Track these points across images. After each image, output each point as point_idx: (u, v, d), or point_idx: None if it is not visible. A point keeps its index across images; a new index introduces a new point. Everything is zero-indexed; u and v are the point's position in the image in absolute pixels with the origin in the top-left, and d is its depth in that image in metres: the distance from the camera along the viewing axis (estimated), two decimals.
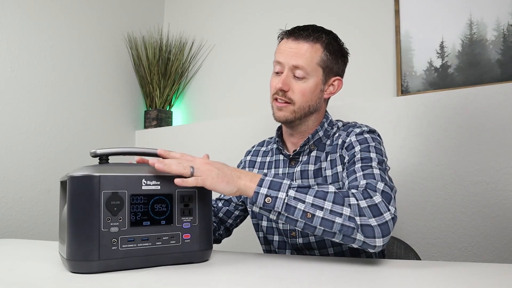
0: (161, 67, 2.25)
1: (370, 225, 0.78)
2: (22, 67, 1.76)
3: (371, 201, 0.80)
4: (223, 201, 1.23)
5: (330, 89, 1.08)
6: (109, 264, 0.74)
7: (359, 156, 0.96)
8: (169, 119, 2.31)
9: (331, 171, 1.04)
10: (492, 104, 1.39)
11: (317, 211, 0.78)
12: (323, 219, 0.78)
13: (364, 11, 1.82)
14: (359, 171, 0.91)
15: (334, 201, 0.79)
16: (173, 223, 0.81)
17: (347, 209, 0.79)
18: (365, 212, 0.79)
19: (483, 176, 1.39)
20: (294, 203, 0.79)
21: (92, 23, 2.07)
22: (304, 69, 1.01)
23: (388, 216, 0.79)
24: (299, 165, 1.09)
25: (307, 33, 1.03)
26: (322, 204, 0.79)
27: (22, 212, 1.72)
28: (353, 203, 0.80)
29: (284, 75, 1.03)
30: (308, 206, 0.79)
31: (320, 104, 1.08)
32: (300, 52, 1.02)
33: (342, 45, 1.09)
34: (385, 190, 0.84)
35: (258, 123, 1.88)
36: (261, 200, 0.80)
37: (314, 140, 1.08)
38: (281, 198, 0.80)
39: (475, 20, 1.56)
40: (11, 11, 1.73)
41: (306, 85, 1.03)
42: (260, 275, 0.76)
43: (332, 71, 1.06)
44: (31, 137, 1.77)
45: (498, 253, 1.35)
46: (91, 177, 0.74)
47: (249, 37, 2.16)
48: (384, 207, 0.80)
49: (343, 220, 0.78)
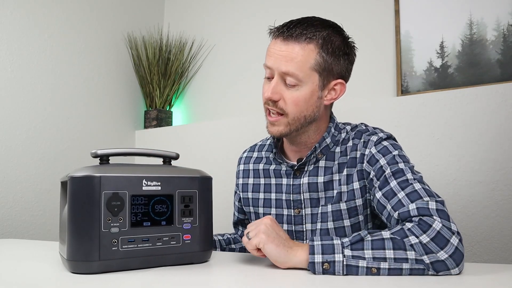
0: (161, 67, 2.24)
1: (440, 260, 0.72)
2: (22, 67, 1.76)
3: (432, 230, 0.73)
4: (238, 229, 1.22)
5: (331, 95, 0.95)
6: (109, 265, 0.74)
7: (389, 171, 0.88)
8: (169, 119, 2.31)
9: (347, 187, 0.95)
10: (492, 104, 1.40)
11: (381, 264, 0.73)
12: (389, 269, 0.73)
13: (364, 11, 1.82)
14: (399, 190, 0.84)
15: (394, 247, 0.73)
16: (174, 224, 0.81)
17: (411, 252, 0.72)
18: (430, 247, 0.72)
19: (483, 176, 1.39)
20: (354, 262, 0.73)
21: (92, 23, 2.07)
22: (295, 76, 0.89)
23: (455, 240, 0.73)
24: (305, 176, 0.99)
25: (298, 32, 0.89)
26: (384, 254, 0.73)
27: (22, 212, 1.72)
28: (415, 242, 0.73)
29: (274, 82, 0.91)
30: (370, 262, 0.73)
31: (320, 112, 0.96)
32: (290, 56, 0.88)
33: (346, 41, 0.94)
34: (439, 208, 0.78)
35: (258, 123, 1.88)
36: (319, 269, 0.74)
37: (321, 148, 0.98)
38: (339, 261, 0.73)
39: (475, 20, 1.56)
40: (11, 11, 1.73)
41: (299, 93, 0.90)
42: (260, 275, 0.76)
43: (331, 74, 0.92)
44: (31, 137, 1.77)
45: (498, 253, 1.35)
46: (92, 177, 0.74)
47: (249, 37, 2.16)
48: (448, 232, 0.74)
49: (411, 265, 0.72)
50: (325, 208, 0.97)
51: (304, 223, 1.00)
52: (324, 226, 0.97)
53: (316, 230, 0.98)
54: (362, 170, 0.94)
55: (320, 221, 0.98)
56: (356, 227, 0.96)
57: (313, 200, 0.99)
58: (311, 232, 0.99)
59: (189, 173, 0.85)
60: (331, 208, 0.96)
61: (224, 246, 1.15)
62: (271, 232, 0.78)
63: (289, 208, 1.02)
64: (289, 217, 1.02)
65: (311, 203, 0.99)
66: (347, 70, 0.97)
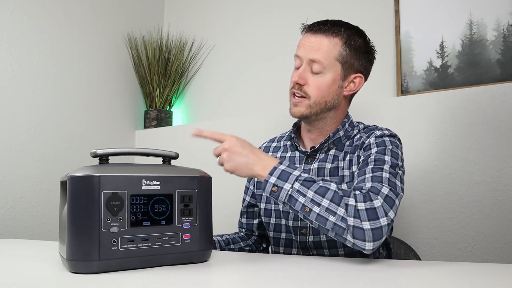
0: (161, 67, 2.25)
1: (362, 228, 0.79)
2: (22, 67, 1.76)
3: (371, 204, 0.81)
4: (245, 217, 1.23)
5: (351, 86, 1.06)
6: (109, 264, 0.74)
7: (373, 157, 0.96)
8: (169, 119, 2.31)
9: (348, 170, 1.04)
10: (492, 104, 1.39)
11: (314, 207, 0.81)
12: (318, 215, 0.81)
13: (364, 11, 1.82)
14: (369, 172, 0.91)
15: (331, 199, 0.81)
16: (173, 223, 0.81)
17: (342, 210, 0.80)
18: (360, 214, 0.80)
19: (483, 176, 1.39)
20: (296, 195, 0.82)
21: (92, 23, 2.07)
22: (321, 63, 1.00)
23: (384, 222, 0.80)
24: (316, 162, 1.08)
25: (326, 27, 1.02)
26: (320, 200, 0.81)
27: (22, 212, 1.72)
28: (351, 203, 0.81)
29: (302, 69, 1.02)
30: (307, 201, 0.82)
31: (339, 101, 1.06)
32: (318, 46, 1.01)
33: (367, 43, 1.07)
34: (389, 195, 0.85)
35: (258, 123, 1.88)
36: (269, 189, 0.84)
37: (334, 139, 1.07)
38: (285, 189, 0.83)
39: (475, 20, 1.56)
40: (11, 11, 1.73)
41: (323, 79, 1.02)
42: (260, 275, 0.76)
43: (352, 67, 1.04)
44: (31, 137, 1.77)
45: (498, 253, 1.35)
46: (91, 177, 0.74)
47: (249, 37, 2.16)
48: (382, 212, 0.81)
49: (335, 220, 0.80)
50: None
51: None
52: None
53: None
54: (359, 156, 1.03)
55: None
56: None
57: None
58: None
59: (189, 172, 0.85)
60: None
61: (223, 246, 1.16)
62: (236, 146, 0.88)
63: None
64: None
65: None
66: (366, 68, 1.08)
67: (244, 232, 1.25)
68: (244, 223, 1.24)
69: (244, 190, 1.26)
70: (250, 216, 1.23)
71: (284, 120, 1.76)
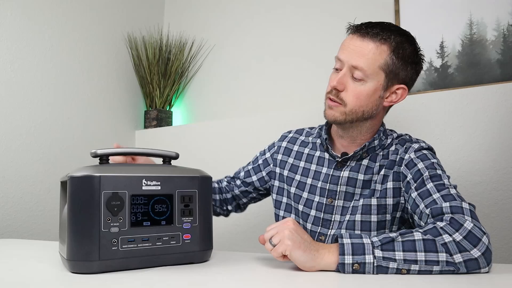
0: (161, 67, 2.25)
1: (472, 258, 0.73)
2: (22, 67, 1.76)
3: (464, 229, 0.75)
4: (242, 181, 1.22)
5: (392, 97, 0.99)
6: (109, 265, 0.74)
7: (427, 174, 0.91)
8: (169, 119, 2.31)
9: (381, 185, 0.98)
10: (492, 104, 1.40)
11: (411, 266, 0.73)
12: (420, 271, 0.74)
13: (364, 11, 1.82)
14: (434, 192, 0.86)
15: (426, 249, 0.73)
16: (173, 224, 0.81)
17: (443, 254, 0.73)
18: (464, 245, 0.73)
19: (483, 176, 1.39)
20: (385, 263, 0.74)
21: (92, 23, 2.07)
22: (364, 71, 0.93)
23: (486, 240, 0.74)
24: (347, 170, 1.02)
25: (375, 31, 0.95)
26: (415, 256, 0.73)
27: (22, 212, 1.72)
28: (448, 240, 0.74)
29: (342, 73, 0.96)
30: (401, 264, 0.73)
31: (378, 111, 1.00)
32: (363, 52, 0.94)
33: (417, 51, 0.99)
34: (470, 209, 0.80)
35: (258, 123, 1.88)
36: (349, 269, 0.74)
37: (369, 147, 1.01)
38: (370, 263, 0.74)
39: (475, 20, 1.56)
40: (11, 11, 1.73)
41: (363, 88, 0.95)
42: (260, 275, 0.76)
43: (397, 78, 0.97)
44: (31, 137, 1.77)
45: (498, 253, 1.35)
46: (92, 177, 0.74)
47: (249, 37, 2.16)
48: (479, 231, 0.75)
49: (441, 267, 0.73)
50: (357, 202, 1.00)
51: (334, 213, 1.02)
52: (352, 218, 0.99)
53: (344, 222, 1.00)
54: (399, 173, 0.98)
55: (350, 213, 1.00)
56: (382, 225, 0.98)
57: (348, 194, 1.02)
58: (338, 223, 1.01)
59: (189, 172, 0.85)
60: (363, 202, 0.99)
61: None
62: (296, 237, 0.77)
63: (322, 196, 1.04)
64: (320, 204, 1.04)
65: (346, 196, 1.02)
66: (412, 79, 1.01)
67: (224, 185, 1.24)
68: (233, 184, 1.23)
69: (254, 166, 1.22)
70: (239, 186, 1.22)
71: (285, 121, 1.76)
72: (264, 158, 1.21)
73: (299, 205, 1.08)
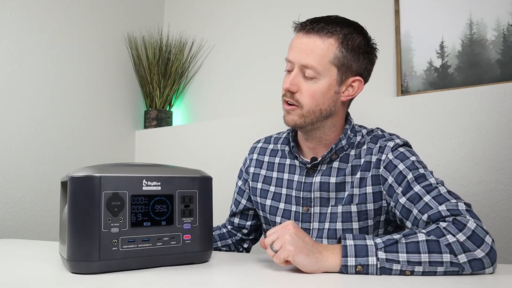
0: (161, 67, 2.24)
1: (476, 258, 0.72)
2: (22, 67, 1.76)
3: (468, 229, 0.74)
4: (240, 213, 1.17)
5: (349, 91, 0.96)
6: (109, 265, 0.74)
7: (411, 176, 0.88)
8: (169, 119, 2.31)
9: (359, 190, 0.95)
10: (492, 104, 1.39)
11: (415, 267, 0.72)
12: (424, 272, 0.73)
13: (364, 11, 1.82)
14: (424, 194, 0.84)
15: (429, 250, 0.72)
16: (174, 224, 0.81)
17: (447, 255, 0.72)
18: (468, 246, 0.72)
19: (483, 176, 1.39)
20: (388, 265, 0.73)
21: (92, 23, 2.07)
22: (315, 68, 0.91)
23: (489, 240, 0.74)
24: (318, 175, 0.99)
25: (320, 25, 0.92)
26: (419, 258, 0.72)
27: (22, 212, 1.72)
28: (452, 240, 0.73)
29: (293, 74, 0.94)
30: (404, 265, 0.72)
31: (336, 108, 0.97)
32: (310, 49, 0.91)
33: (367, 41, 0.97)
34: (468, 208, 0.79)
35: (258, 123, 1.88)
36: (353, 271, 0.73)
37: (337, 149, 0.98)
38: (373, 265, 0.73)
39: (475, 20, 1.56)
40: (11, 11, 1.73)
41: (317, 86, 0.92)
42: (260, 275, 0.76)
43: (350, 70, 0.94)
44: (31, 137, 1.77)
45: (498, 253, 1.34)
46: (92, 177, 0.74)
47: (249, 37, 2.16)
48: (482, 231, 0.74)
49: (445, 268, 0.72)
50: (335, 209, 0.97)
51: (312, 221, 1.00)
52: (333, 226, 0.97)
53: (324, 229, 0.98)
54: (378, 176, 0.94)
55: (329, 221, 0.97)
56: (364, 231, 0.96)
57: (323, 200, 0.99)
58: (317, 231, 0.99)
59: (189, 173, 0.85)
60: (342, 209, 0.96)
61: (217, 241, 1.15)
62: (298, 241, 0.75)
63: (298, 205, 1.02)
64: (297, 213, 1.02)
65: (321, 202, 0.99)
66: (366, 69, 0.98)
67: (230, 229, 1.19)
68: (237, 223, 1.18)
69: (237, 191, 1.19)
70: (244, 218, 1.17)
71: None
72: (242, 178, 1.18)
73: (277, 217, 1.05)
